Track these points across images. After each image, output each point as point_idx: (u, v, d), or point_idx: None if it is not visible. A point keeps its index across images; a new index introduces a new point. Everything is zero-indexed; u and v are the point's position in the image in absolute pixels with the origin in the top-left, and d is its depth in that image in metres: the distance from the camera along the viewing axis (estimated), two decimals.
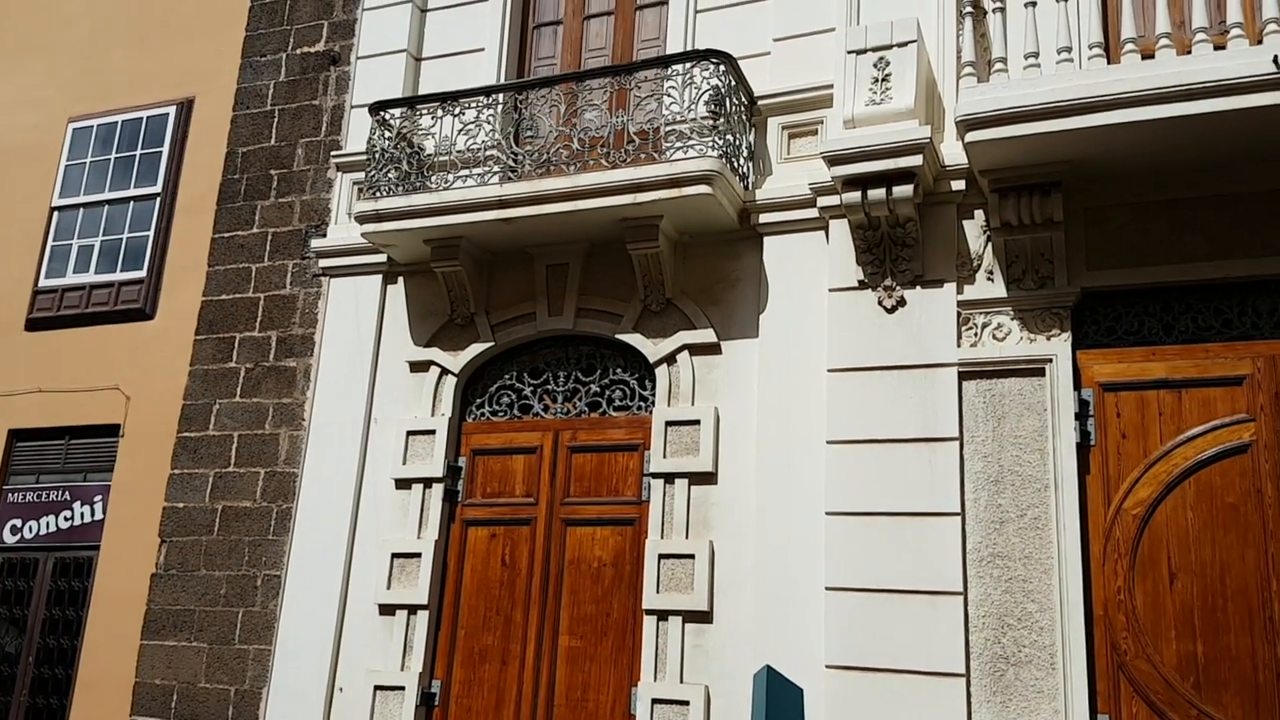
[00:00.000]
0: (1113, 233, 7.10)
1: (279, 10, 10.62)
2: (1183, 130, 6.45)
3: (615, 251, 8.32)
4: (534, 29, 9.70)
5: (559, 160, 8.17)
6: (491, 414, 8.76)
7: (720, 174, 7.56)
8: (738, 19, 8.59)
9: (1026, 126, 6.60)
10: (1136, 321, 7.07)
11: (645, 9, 9.27)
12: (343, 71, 10.07)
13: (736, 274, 8.07)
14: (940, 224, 7.43)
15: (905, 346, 7.31)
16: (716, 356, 7.99)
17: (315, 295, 9.49)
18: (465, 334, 8.81)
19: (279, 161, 10.08)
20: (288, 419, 9.24)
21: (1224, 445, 6.61)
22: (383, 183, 8.60)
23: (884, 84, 7.22)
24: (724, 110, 7.77)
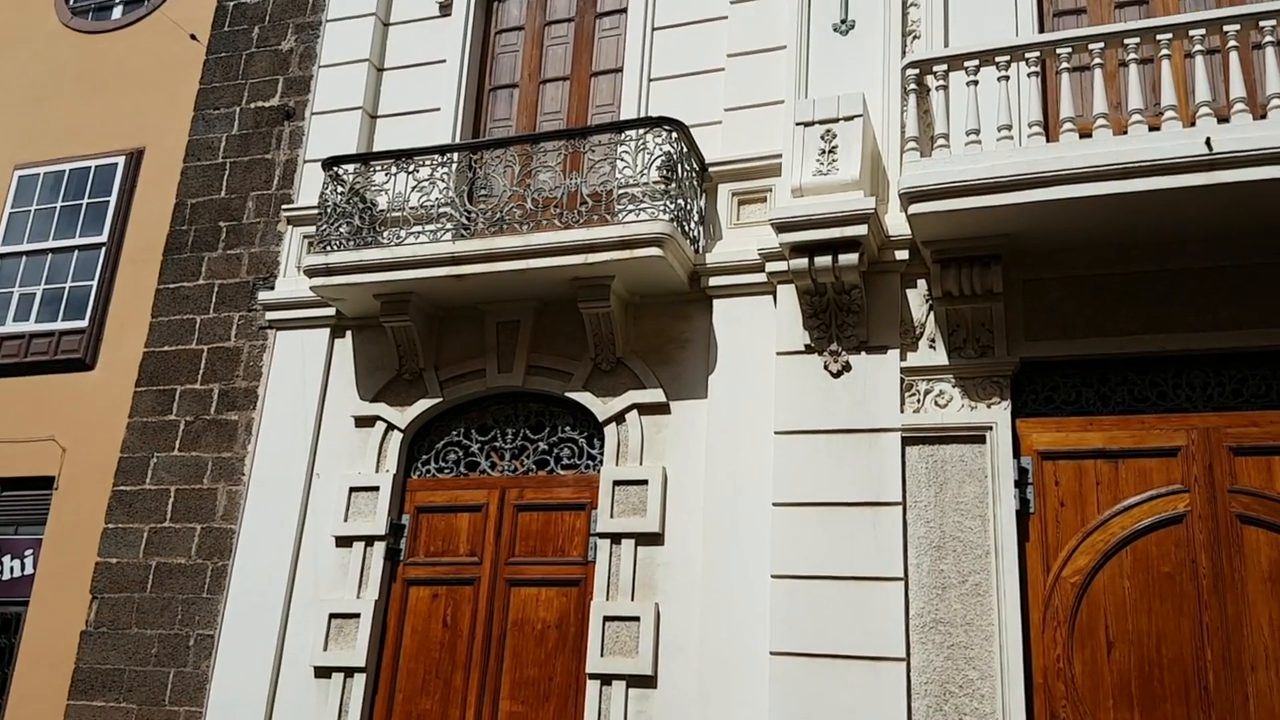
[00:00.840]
0: (1051, 305, 7.28)
1: (234, 64, 10.64)
2: (1119, 208, 6.66)
3: (566, 310, 8.36)
4: (490, 91, 9.81)
5: (512, 219, 8.22)
6: (437, 471, 8.68)
7: (671, 237, 7.66)
8: (690, 88, 8.76)
9: (967, 200, 6.78)
10: (1074, 392, 7.23)
11: (600, 76, 9.43)
12: (296, 126, 10.08)
13: (686, 335, 8.14)
14: (884, 292, 7.58)
15: (850, 411, 7.40)
16: (665, 416, 8.02)
17: (260, 348, 9.40)
18: (413, 389, 8.76)
19: (228, 214, 10.03)
20: (227, 474, 9.09)
21: (1159, 515, 6.74)
22: (334, 237, 8.59)
23: (830, 155, 7.39)
24: (676, 175, 7.90)
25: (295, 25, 10.52)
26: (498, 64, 9.89)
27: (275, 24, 10.62)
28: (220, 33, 10.84)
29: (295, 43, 10.45)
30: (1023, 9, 7.99)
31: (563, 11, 9.80)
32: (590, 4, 9.72)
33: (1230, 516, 6.60)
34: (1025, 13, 7.98)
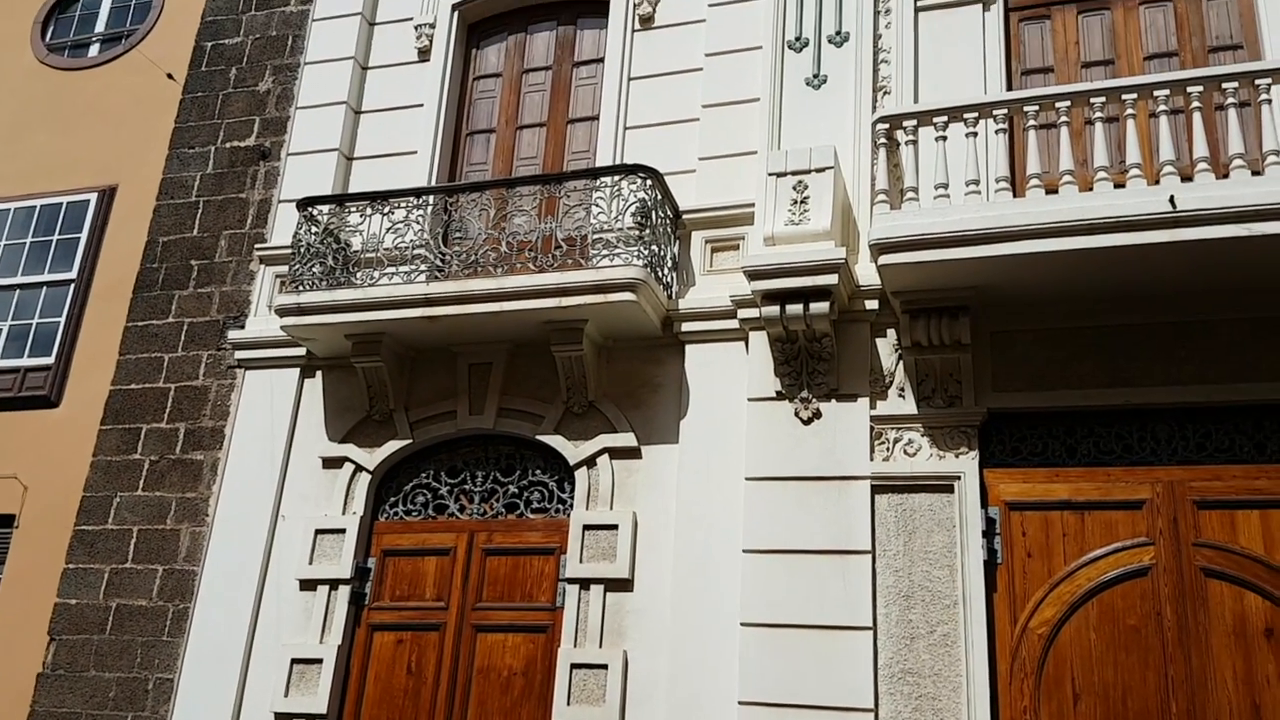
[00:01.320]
0: (1018, 356, 7.37)
1: (210, 104, 10.66)
2: (1084, 262, 6.77)
3: (539, 353, 8.38)
4: (467, 135, 9.89)
5: (487, 262, 8.26)
6: (405, 513, 8.62)
7: (645, 282, 7.71)
8: (665, 137, 8.87)
9: (935, 253, 6.88)
10: (1041, 443, 7.30)
11: (576, 123, 9.53)
12: (272, 167, 10.10)
13: (659, 380, 8.17)
14: (855, 341, 7.65)
15: (820, 458, 7.43)
16: (637, 461, 8.02)
17: (229, 387, 9.33)
18: (383, 430, 8.71)
19: (200, 252, 9.99)
20: (190, 514, 8.97)
21: (1125, 568, 6.79)
22: (306, 276, 8.58)
23: (802, 206, 7.49)
24: (650, 222, 7.97)
25: (273, 67, 10.57)
26: (475, 109, 9.98)
27: (253, 65, 10.67)
28: (197, 72, 10.87)
29: (273, 84, 10.50)
30: (991, 67, 8.17)
31: (540, 60, 9.92)
32: (568, 53, 9.85)
33: (1195, 570, 6.66)
34: (993, 71, 8.16)
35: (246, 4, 10.99)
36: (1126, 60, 8.14)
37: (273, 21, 10.80)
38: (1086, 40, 8.31)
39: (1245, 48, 7.90)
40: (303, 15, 10.66)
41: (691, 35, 9.15)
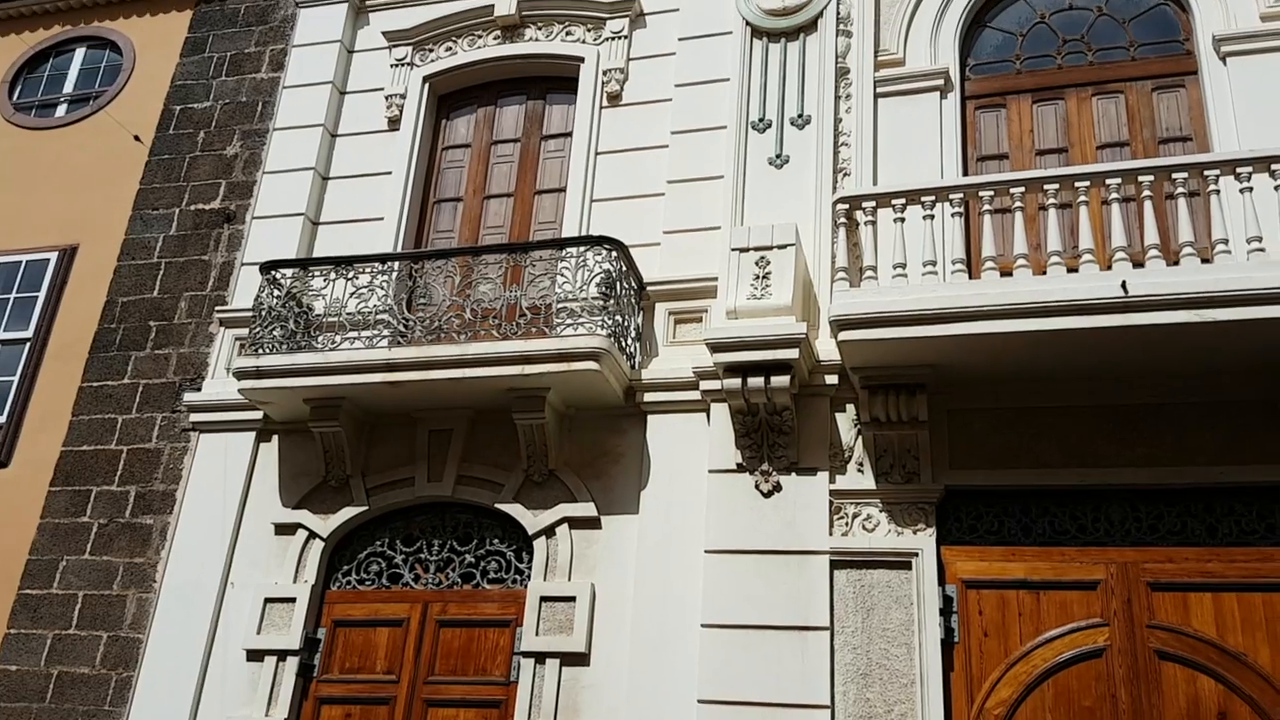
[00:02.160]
0: (974, 435, 7.45)
1: (176, 166, 10.67)
2: (1039, 344, 6.90)
3: (500, 420, 8.34)
4: (434, 203, 9.96)
5: (450, 328, 8.26)
6: (358, 582, 8.47)
7: (608, 352, 7.75)
8: (631, 210, 8.99)
9: (893, 330, 6.99)
10: (997, 521, 7.35)
11: (544, 194, 9.64)
12: (236, 230, 10.09)
13: (620, 449, 8.16)
14: (815, 415, 7.71)
15: (780, 532, 7.43)
16: (596, 531, 7.96)
17: (182, 450, 9.19)
18: (338, 497, 8.60)
19: (160, 313, 9.91)
20: (138, 580, 8.76)
21: (1080, 649, 6.80)
22: (266, 340, 8.53)
23: (764, 281, 7.59)
24: (614, 292, 8.04)
25: (242, 132, 10.62)
26: (443, 178, 10.07)
27: (221, 130, 10.72)
28: (165, 135, 10.90)
29: (240, 148, 10.54)
30: (948, 152, 8.40)
31: (509, 132, 10.06)
32: (536, 126, 10.00)
33: (1149, 652, 6.69)
34: (950, 156, 8.39)
35: (217, 69, 11.07)
36: (1080, 149, 8.40)
37: (243, 87, 10.88)
38: (1041, 129, 8.57)
39: (1195, 140, 8.19)
40: (273, 82, 10.75)
41: (658, 113, 9.35)
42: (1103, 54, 8.70)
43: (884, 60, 8.87)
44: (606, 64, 9.69)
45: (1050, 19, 8.94)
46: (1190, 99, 8.34)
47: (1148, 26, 8.73)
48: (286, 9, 11.10)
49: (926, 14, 8.98)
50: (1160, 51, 8.61)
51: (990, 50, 9.00)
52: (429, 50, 10.39)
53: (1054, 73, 8.74)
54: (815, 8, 9.06)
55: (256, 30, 11.16)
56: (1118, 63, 8.63)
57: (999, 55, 8.96)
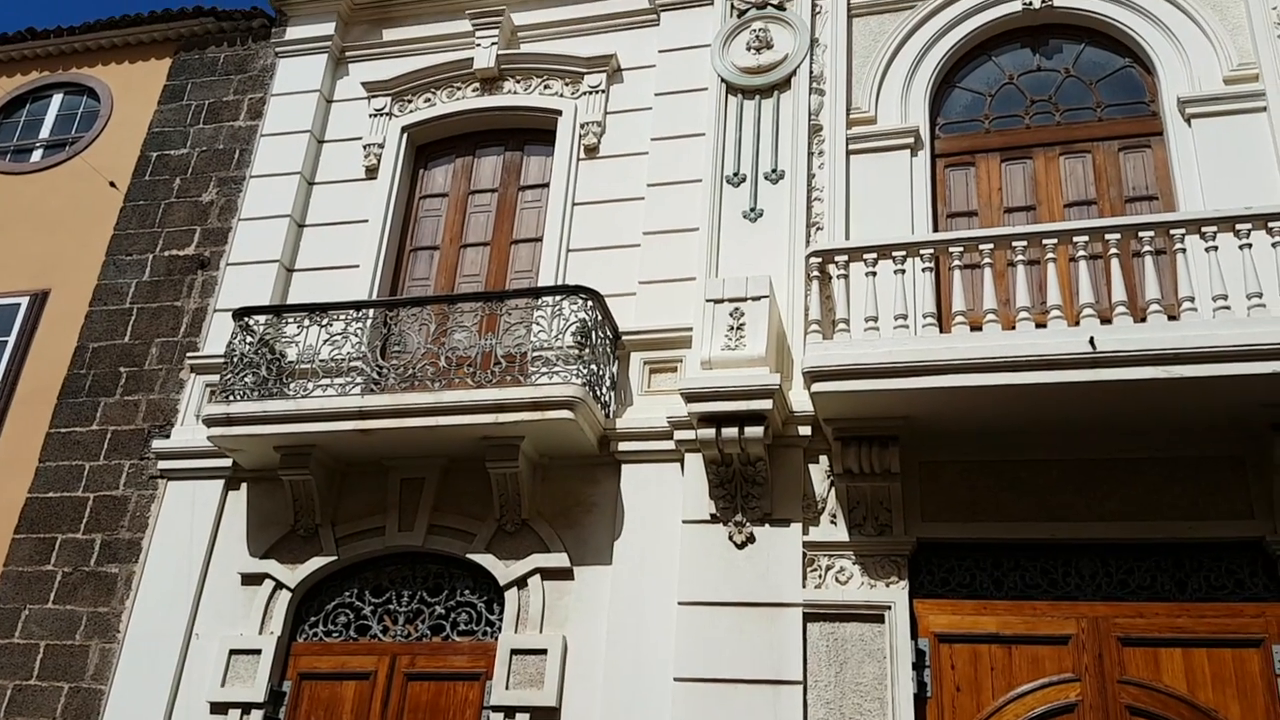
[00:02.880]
0: (946, 487, 7.48)
1: (151, 212, 10.65)
2: (1009, 398, 6.97)
3: (474, 469, 8.29)
4: (411, 251, 9.99)
5: (424, 376, 8.24)
6: (326, 634, 8.34)
7: (583, 401, 7.75)
8: (607, 260, 9.06)
9: (865, 383, 7.04)
10: (969, 574, 7.36)
11: (520, 244, 9.69)
12: (210, 276, 10.06)
13: (594, 499, 8.12)
14: (788, 466, 7.73)
15: (754, 584, 7.40)
16: (569, 582, 7.90)
17: (149, 498, 9.07)
18: (307, 546, 8.50)
19: (130, 359, 9.84)
20: (101, 630, 8.59)
21: (1053, 704, 6.79)
22: (238, 386, 8.47)
23: (739, 332, 7.64)
24: (590, 341, 8.06)
25: (219, 179, 10.64)
26: (420, 226, 10.11)
27: (198, 176, 10.73)
28: (141, 181, 10.89)
29: (217, 195, 10.55)
30: (918, 208, 8.54)
31: (487, 182, 10.13)
32: (514, 176, 10.08)
33: (1120, 707, 6.68)
34: (920, 212, 8.52)
35: (195, 117, 11.11)
36: (1047, 206, 8.55)
37: (220, 135, 10.91)
38: (1009, 186, 8.73)
39: (1161, 199, 8.37)
40: (251, 130, 10.80)
41: (634, 166, 9.46)
42: (1070, 114, 8.90)
43: (856, 118, 9.03)
44: (584, 117, 9.81)
45: (1018, 80, 9.15)
46: (1156, 159, 8.53)
47: (1114, 88, 8.94)
48: (266, 59, 11.18)
49: (897, 74, 9.17)
50: (1127, 113, 8.82)
51: (960, 110, 9.19)
52: (408, 101, 10.48)
53: (1022, 132, 8.92)
54: (789, 66, 9.23)
55: (235, 79, 11.23)
56: (1085, 123, 8.83)
57: (968, 114, 9.14)
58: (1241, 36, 8.54)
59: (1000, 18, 9.24)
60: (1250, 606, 6.85)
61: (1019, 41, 9.30)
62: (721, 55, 9.43)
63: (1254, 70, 8.33)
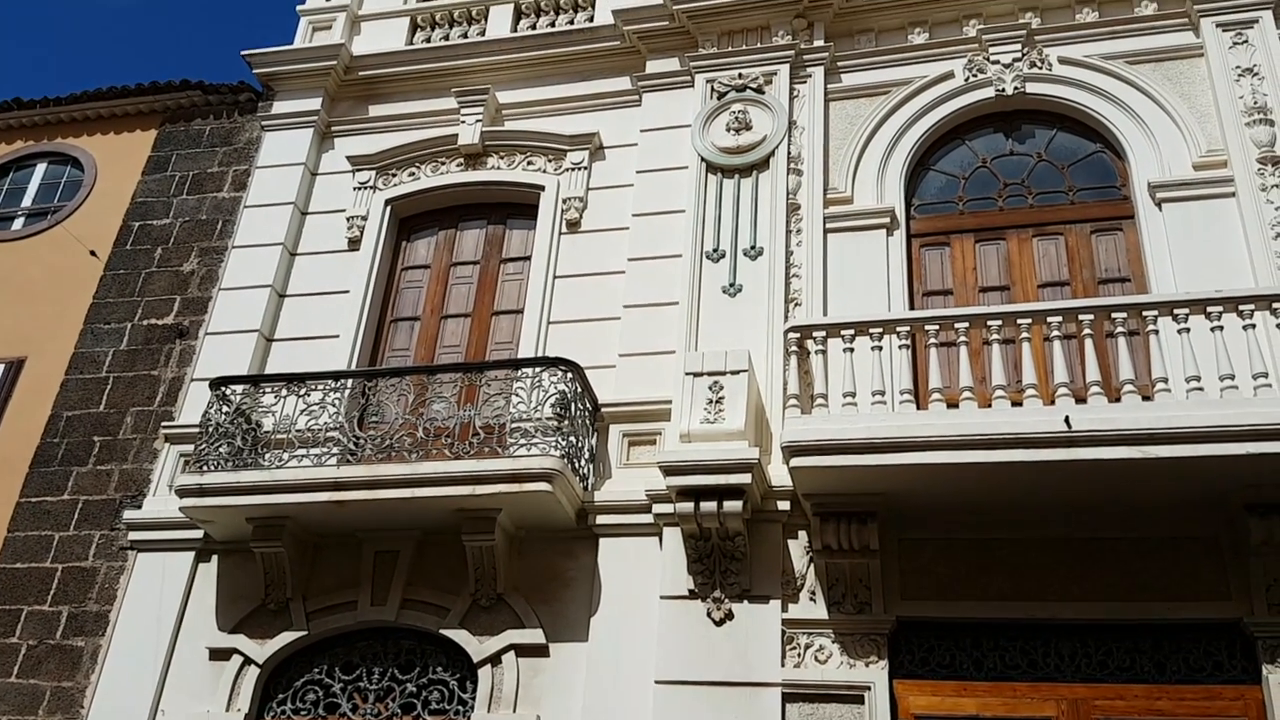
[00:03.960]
0: (925, 565, 7.46)
1: (131, 282, 10.64)
2: (985, 475, 6.99)
3: (449, 542, 8.18)
4: (391, 322, 10.01)
5: (402, 447, 8.19)
6: (294, 712, 8.15)
7: (561, 473, 7.71)
8: (587, 333, 9.09)
9: (844, 458, 7.06)
10: (948, 654, 7.31)
11: (501, 315, 9.74)
12: (188, 345, 10.03)
13: (571, 573, 8.04)
14: (767, 541, 7.69)
15: (732, 662, 7.31)
16: (544, 659, 7.78)
17: (119, 570, 8.91)
18: (277, 620, 8.34)
19: (105, 428, 9.74)
20: (65, 705, 8.36)
21: None
22: (212, 456, 8.40)
23: (718, 406, 7.67)
24: (569, 413, 8.05)
25: (200, 249, 10.67)
26: (401, 297, 10.14)
27: (180, 246, 10.76)
28: (122, 250, 10.90)
29: (198, 265, 10.56)
30: (895, 286, 8.65)
31: (469, 254, 10.21)
32: (496, 249, 10.16)
33: None
34: (897, 289, 8.64)
35: (179, 188, 11.17)
36: (1021, 287, 8.68)
37: (204, 206, 10.97)
38: (983, 267, 8.87)
39: (1133, 281, 8.52)
40: (235, 201, 10.86)
41: (615, 240, 9.56)
42: (1043, 197, 9.09)
43: (833, 198, 9.19)
44: (566, 192, 9.93)
45: (991, 163, 9.36)
46: (1128, 242, 8.70)
47: (1086, 172, 9.16)
48: (252, 132, 11.30)
49: (873, 156, 9.37)
50: (1098, 196, 9.02)
51: (934, 191, 9.38)
52: (392, 174, 10.59)
53: (995, 214, 9.09)
54: (768, 147, 9.41)
55: (220, 151, 11.33)
56: (1057, 206, 9.02)
57: (942, 196, 9.33)
58: (1210, 124, 8.79)
59: (973, 104, 9.48)
60: (1229, 689, 6.82)
61: (992, 126, 9.54)
62: (702, 135, 9.61)
63: (1222, 157, 8.56)
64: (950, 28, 9.84)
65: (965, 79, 9.54)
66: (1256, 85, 8.74)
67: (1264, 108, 8.61)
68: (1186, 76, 9.09)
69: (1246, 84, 8.76)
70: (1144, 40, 9.34)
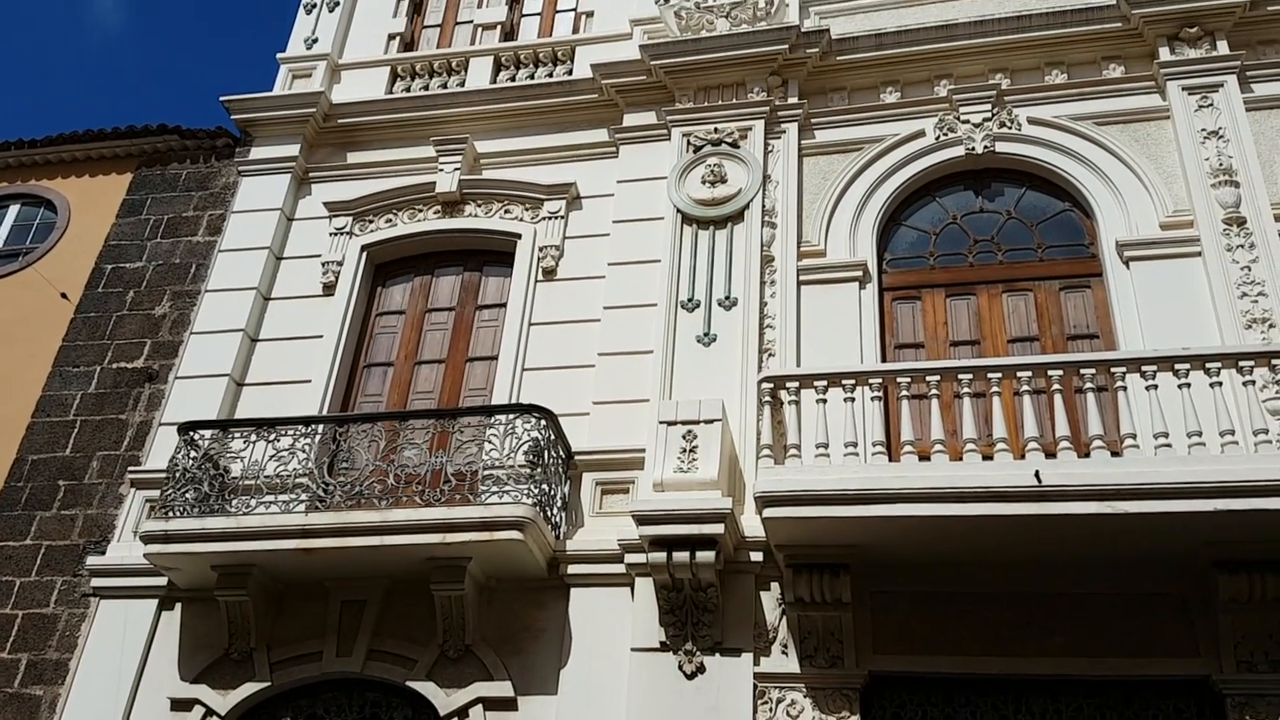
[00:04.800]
0: (898, 618, 7.43)
1: (102, 325, 10.55)
2: (957, 528, 7.00)
3: (418, 591, 8.06)
4: (365, 367, 9.96)
5: (372, 494, 8.10)
6: None
7: (533, 521, 7.66)
8: (562, 380, 9.08)
9: (816, 509, 7.07)
10: (921, 710, 7.27)
11: (476, 361, 9.71)
12: (157, 389, 9.93)
13: (541, 624, 7.94)
14: (739, 592, 7.65)
15: (704, 717, 7.23)
16: (512, 713, 7.65)
17: (80, 617, 8.73)
18: (240, 671, 8.19)
19: (70, 473, 9.60)
20: None
21: None
22: (178, 502, 8.28)
23: (691, 455, 7.66)
24: (542, 461, 8.01)
25: (173, 292, 10.60)
26: (375, 343, 10.11)
27: (152, 289, 10.69)
28: (93, 293, 10.83)
29: (170, 309, 10.50)
30: (867, 338, 8.73)
31: (445, 301, 10.20)
32: (472, 296, 10.16)
33: None
34: (869, 341, 8.72)
35: (153, 231, 11.13)
36: (991, 341, 8.77)
37: (178, 249, 10.93)
38: (954, 321, 8.97)
39: (1101, 337, 8.63)
40: (209, 246, 10.83)
41: (591, 289, 9.60)
42: (1012, 254, 9.22)
43: (806, 250, 9.29)
44: (543, 241, 9.98)
45: (962, 220, 9.49)
46: (1096, 299, 8.82)
47: (1055, 230, 9.30)
48: (228, 176, 11.30)
49: (846, 210, 9.49)
50: (1067, 254, 9.16)
51: (906, 246, 9.49)
52: (369, 221, 10.60)
53: (966, 270, 9.21)
54: (743, 199, 9.51)
55: (196, 195, 11.31)
56: (1026, 263, 9.15)
57: (914, 251, 9.44)
58: (1176, 185, 8.97)
59: (944, 161, 9.64)
60: None
61: (963, 184, 9.70)
62: (678, 187, 9.71)
63: (1189, 217, 8.73)
64: (921, 87, 10.03)
65: (936, 137, 9.71)
66: (1222, 148, 8.93)
67: (1229, 170, 8.79)
68: (1154, 138, 9.29)
69: (1212, 146, 8.95)
70: (1112, 102, 9.54)
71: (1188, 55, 9.42)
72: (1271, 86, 9.27)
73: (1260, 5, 9.46)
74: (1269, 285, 8.19)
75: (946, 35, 9.97)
